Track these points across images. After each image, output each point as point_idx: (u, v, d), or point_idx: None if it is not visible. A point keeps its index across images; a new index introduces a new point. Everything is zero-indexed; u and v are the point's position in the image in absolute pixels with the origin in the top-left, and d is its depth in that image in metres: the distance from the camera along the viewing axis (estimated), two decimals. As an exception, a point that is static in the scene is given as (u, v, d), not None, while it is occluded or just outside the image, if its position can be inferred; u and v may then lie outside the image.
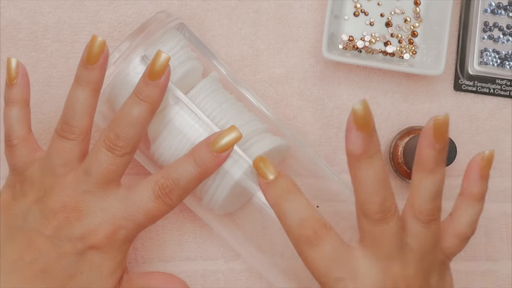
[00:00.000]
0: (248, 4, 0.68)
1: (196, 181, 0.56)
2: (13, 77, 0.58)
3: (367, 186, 0.51)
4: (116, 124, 0.55)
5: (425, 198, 0.52)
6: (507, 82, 0.69)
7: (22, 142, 0.58)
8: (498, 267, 0.69)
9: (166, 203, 0.56)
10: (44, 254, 0.55)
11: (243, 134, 0.60)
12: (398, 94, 0.69)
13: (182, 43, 0.61)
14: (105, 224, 0.55)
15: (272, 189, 0.52)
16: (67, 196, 0.55)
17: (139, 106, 0.55)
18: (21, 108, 0.58)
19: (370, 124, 0.50)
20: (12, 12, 0.67)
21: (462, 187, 0.55)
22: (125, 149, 0.55)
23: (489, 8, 0.69)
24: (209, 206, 0.61)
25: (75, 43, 0.67)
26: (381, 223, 0.51)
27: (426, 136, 0.51)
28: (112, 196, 0.56)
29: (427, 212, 0.52)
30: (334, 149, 0.68)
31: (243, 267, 0.67)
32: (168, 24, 0.60)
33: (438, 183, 0.52)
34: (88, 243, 0.55)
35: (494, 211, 0.69)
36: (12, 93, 0.58)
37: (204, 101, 0.60)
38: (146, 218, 0.56)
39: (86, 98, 0.56)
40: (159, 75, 0.55)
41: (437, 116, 0.51)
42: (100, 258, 0.56)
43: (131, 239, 0.57)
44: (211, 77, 0.62)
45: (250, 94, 0.63)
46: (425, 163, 0.52)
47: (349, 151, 0.51)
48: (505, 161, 0.69)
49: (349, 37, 0.68)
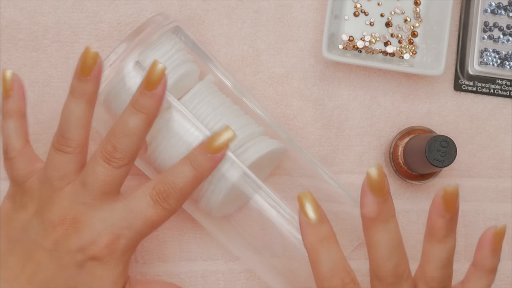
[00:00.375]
0: (248, 4, 0.68)
1: (193, 183, 0.56)
2: (8, 89, 0.58)
3: (381, 250, 0.51)
4: (113, 135, 0.55)
5: (436, 266, 0.53)
6: (507, 82, 0.69)
7: (20, 155, 0.58)
8: (498, 267, 0.68)
9: (164, 208, 0.55)
10: (44, 267, 0.55)
11: (239, 138, 0.60)
12: (398, 94, 0.69)
13: (178, 46, 0.61)
14: (104, 234, 0.55)
15: (314, 232, 0.52)
16: (65, 209, 0.55)
17: (136, 117, 0.55)
18: (17, 120, 0.58)
19: (384, 189, 0.50)
20: (12, 12, 0.67)
21: (475, 258, 0.55)
22: (122, 160, 0.55)
23: (489, 8, 0.69)
24: (206, 209, 0.61)
25: (75, 43, 0.67)
26: (393, 287, 0.52)
27: (436, 206, 0.51)
28: (111, 206, 0.55)
29: (438, 280, 0.53)
30: (334, 149, 0.68)
31: (243, 268, 0.67)
32: (165, 27, 0.60)
33: (449, 250, 0.53)
34: (88, 255, 0.55)
35: (494, 211, 0.69)
36: (8, 105, 0.58)
37: (200, 105, 0.60)
38: (145, 225, 0.55)
39: (80, 111, 0.56)
40: (155, 86, 0.55)
41: (447, 187, 0.51)
42: (101, 269, 0.55)
43: (132, 248, 0.56)
44: (207, 80, 0.62)
45: (246, 97, 0.63)
46: (436, 232, 0.52)
47: (364, 214, 0.51)
48: (505, 161, 0.69)
49: (349, 37, 0.68)
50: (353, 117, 0.68)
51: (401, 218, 0.68)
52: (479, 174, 0.69)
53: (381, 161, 0.68)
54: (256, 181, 0.59)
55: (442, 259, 0.53)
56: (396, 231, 0.52)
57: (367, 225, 0.51)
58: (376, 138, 0.68)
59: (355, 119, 0.68)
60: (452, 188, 0.51)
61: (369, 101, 0.69)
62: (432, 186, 0.68)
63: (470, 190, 0.69)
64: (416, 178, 0.67)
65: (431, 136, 0.61)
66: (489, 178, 0.69)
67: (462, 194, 0.69)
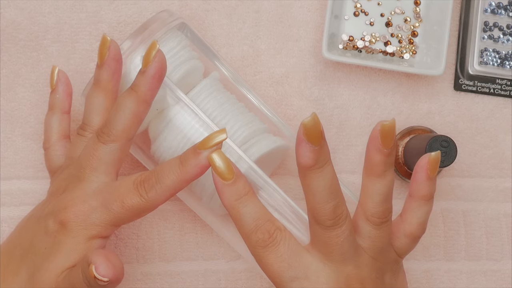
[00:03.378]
0: (248, 4, 0.68)
1: (177, 182, 0.54)
2: (52, 84, 0.61)
3: (319, 195, 0.52)
4: (108, 113, 0.57)
5: (376, 201, 0.54)
6: (507, 82, 0.69)
7: (52, 147, 0.61)
8: (499, 267, 0.69)
9: (142, 196, 0.54)
10: (29, 233, 0.56)
11: (244, 135, 0.60)
12: (398, 94, 0.69)
13: (183, 42, 0.61)
14: (76, 201, 0.55)
15: (231, 191, 0.53)
16: (61, 180, 0.57)
17: (129, 96, 0.56)
18: (57, 115, 0.61)
19: (321, 136, 0.51)
20: (12, 12, 0.67)
21: (411, 189, 0.56)
22: (109, 136, 0.55)
23: (489, 8, 0.69)
24: (209, 205, 0.61)
25: (75, 44, 0.67)
26: (333, 229, 0.52)
27: (374, 141, 0.52)
28: (94, 180, 0.56)
29: (378, 215, 0.54)
30: (334, 149, 0.68)
31: (244, 267, 0.67)
32: (170, 24, 0.60)
33: (388, 185, 0.54)
34: (58, 218, 0.55)
35: (494, 211, 0.69)
36: (52, 99, 0.61)
37: (205, 101, 0.60)
38: (120, 208, 0.54)
39: (100, 99, 0.58)
40: (147, 64, 0.55)
41: (383, 121, 0.52)
42: (63, 235, 0.54)
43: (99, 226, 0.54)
44: (212, 77, 0.62)
45: (251, 94, 0.63)
46: (374, 168, 0.53)
47: (301, 164, 0.51)
48: (505, 161, 0.69)
49: (349, 37, 0.68)
50: (353, 117, 0.68)
51: (402, 218, 0.68)
52: (479, 174, 0.69)
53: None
54: (263, 176, 0.58)
55: (382, 194, 0.53)
56: (332, 174, 0.52)
57: (303, 173, 0.52)
58: (376, 138, 0.68)
59: (355, 119, 0.69)
60: (388, 122, 0.52)
61: (369, 101, 0.69)
62: (432, 185, 0.68)
63: (470, 190, 0.69)
64: (416, 178, 0.67)
65: (432, 136, 0.62)
66: (489, 178, 0.69)
67: (462, 194, 0.69)
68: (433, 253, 0.68)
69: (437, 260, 0.68)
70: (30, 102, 0.66)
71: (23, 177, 0.66)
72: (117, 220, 0.54)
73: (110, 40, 0.57)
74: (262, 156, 0.60)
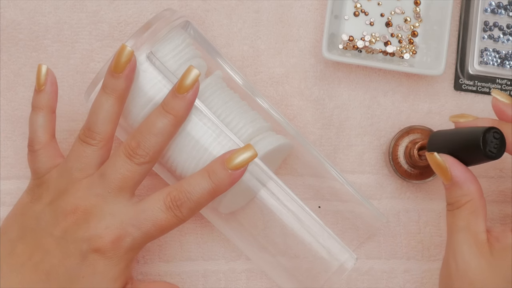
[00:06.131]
0: (248, 4, 0.68)
1: (208, 196, 0.56)
2: (41, 84, 0.60)
3: None
4: (139, 133, 0.56)
5: None
6: (507, 82, 0.69)
7: (44, 148, 0.59)
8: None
9: (176, 215, 0.56)
10: (50, 255, 0.55)
11: (248, 132, 0.60)
12: (399, 94, 0.69)
13: (187, 41, 0.61)
14: (112, 229, 0.55)
15: None
16: (79, 199, 0.56)
17: (164, 118, 0.56)
18: (46, 115, 0.60)
19: None
20: (12, 12, 0.67)
21: None
22: (144, 158, 0.56)
23: (489, 7, 0.69)
24: (213, 204, 0.61)
25: (75, 43, 0.67)
26: None
27: None
28: (123, 203, 0.56)
29: None
30: (335, 149, 0.68)
31: (244, 267, 0.67)
32: (174, 22, 0.60)
33: None
34: (93, 247, 0.55)
35: (494, 211, 0.69)
36: (39, 99, 0.60)
37: (209, 99, 0.60)
38: (154, 227, 0.56)
39: (110, 106, 0.57)
40: (187, 89, 0.56)
41: None
42: (103, 264, 0.55)
43: (136, 248, 0.56)
44: (215, 76, 0.62)
45: (253, 93, 0.64)
46: None
47: None
48: (505, 161, 0.69)
49: (349, 37, 0.68)
50: (353, 117, 0.68)
51: (402, 218, 0.68)
52: (479, 174, 0.69)
53: (382, 161, 0.68)
54: (268, 172, 0.59)
55: None
56: None
57: None
58: (376, 138, 0.68)
59: (355, 119, 0.69)
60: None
61: (369, 101, 0.69)
62: (432, 185, 0.68)
63: (470, 189, 0.69)
64: (415, 178, 0.67)
65: (483, 128, 0.57)
66: (489, 178, 0.69)
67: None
68: (433, 253, 0.68)
69: (437, 260, 0.68)
70: (30, 102, 0.66)
71: (23, 177, 0.66)
72: (149, 239, 0.56)
73: (130, 50, 0.57)
74: (267, 153, 0.60)
